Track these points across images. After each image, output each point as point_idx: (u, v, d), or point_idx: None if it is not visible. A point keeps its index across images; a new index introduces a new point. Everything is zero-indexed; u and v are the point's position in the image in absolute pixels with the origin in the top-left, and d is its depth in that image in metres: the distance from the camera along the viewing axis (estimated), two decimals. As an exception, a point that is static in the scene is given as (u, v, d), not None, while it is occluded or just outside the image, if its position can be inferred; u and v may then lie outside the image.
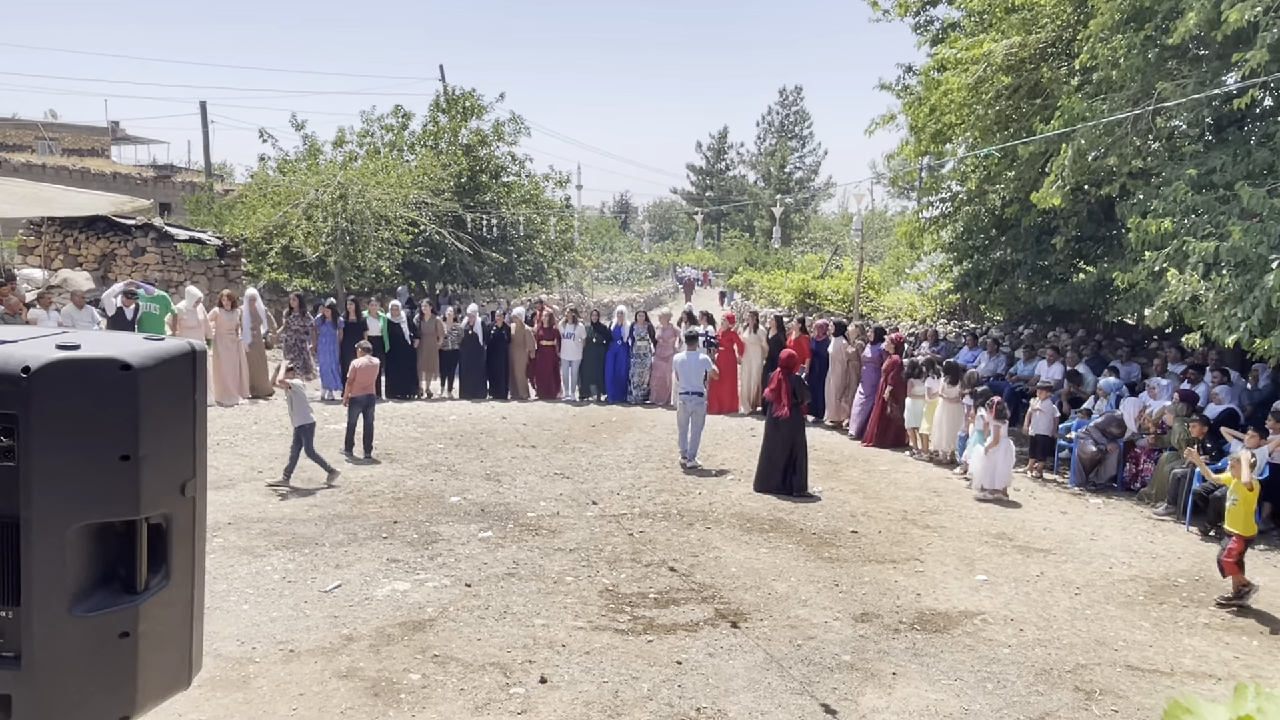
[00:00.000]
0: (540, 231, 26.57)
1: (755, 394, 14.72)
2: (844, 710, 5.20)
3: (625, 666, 5.64)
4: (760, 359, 14.70)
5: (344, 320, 14.57)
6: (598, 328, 15.43)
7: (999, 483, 10.06)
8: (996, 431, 9.96)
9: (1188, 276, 9.30)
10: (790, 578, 7.33)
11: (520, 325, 15.45)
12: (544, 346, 15.50)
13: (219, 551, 7.32)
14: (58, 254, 19.14)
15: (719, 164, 71.09)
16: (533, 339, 15.45)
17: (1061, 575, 7.67)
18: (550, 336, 15.49)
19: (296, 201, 20.22)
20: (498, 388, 15.42)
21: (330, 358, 14.50)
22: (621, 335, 15.37)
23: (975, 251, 16.81)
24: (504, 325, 15.44)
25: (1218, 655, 6.22)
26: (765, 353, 14.58)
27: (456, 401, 15.00)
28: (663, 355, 15.20)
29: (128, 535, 1.20)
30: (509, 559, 7.51)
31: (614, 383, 15.44)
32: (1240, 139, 10.75)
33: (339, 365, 14.18)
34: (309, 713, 4.95)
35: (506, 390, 15.43)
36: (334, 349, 14.42)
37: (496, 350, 15.39)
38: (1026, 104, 13.00)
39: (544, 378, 15.61)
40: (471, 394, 15.21)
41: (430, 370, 15.36)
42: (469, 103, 25.68)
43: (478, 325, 15.26)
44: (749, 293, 35.29)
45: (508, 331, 15.41)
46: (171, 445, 1.23)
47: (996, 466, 10.03)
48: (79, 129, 43.00)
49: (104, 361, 1.15)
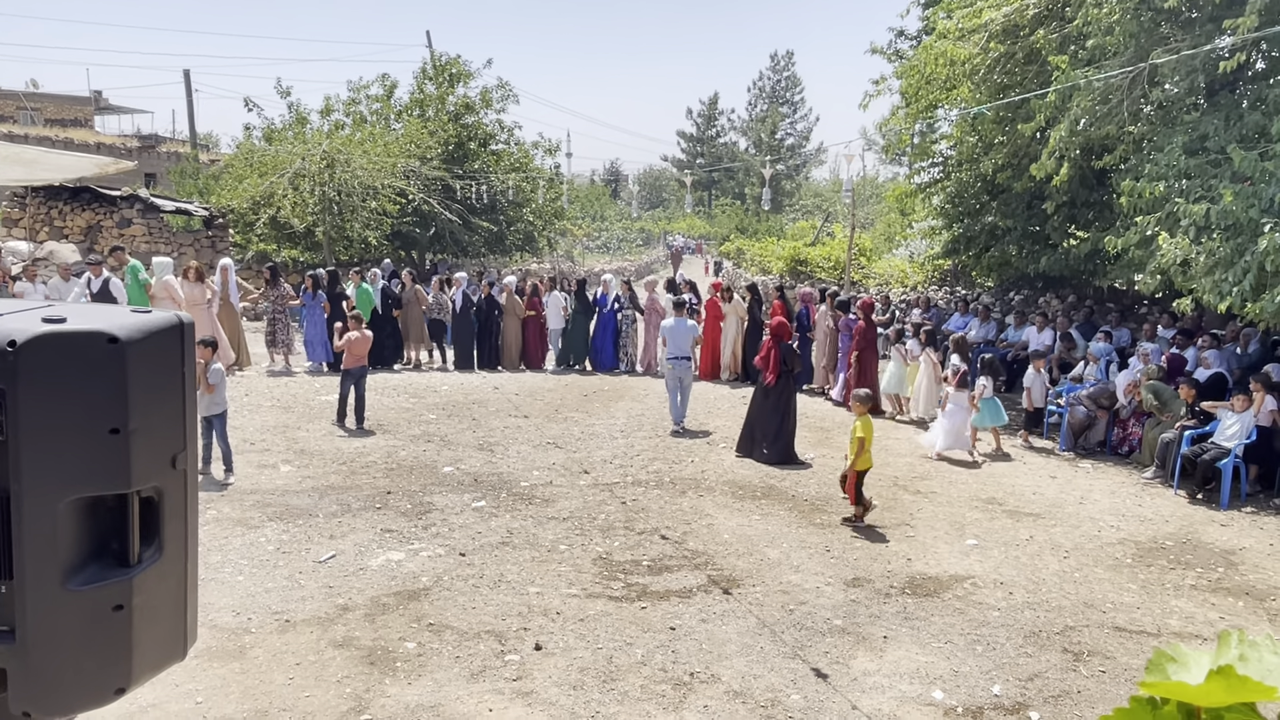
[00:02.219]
0: (530, 200, 26.40)
1: (734, 361, 14.77)
2: (835, 673, 5.26)
3: (619, 633, 5.69)
4: (739, 327, 14.72)
5: (328, 291, 14.40)
6: (579, 297, 15.38)
7: (955, 442, 10.28)
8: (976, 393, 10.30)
9: (1179, 240, 9.31)
10: (782, 544, 7.39)
11: (510, 294, 15.41)
12: (530, 317, 15.47)
13: (212, 523, 7.33)
14: (43, 226, 18.95)
15: (710, 130, 70.63)
16: (522, 308, 15.43)
17: (1050, 539, 7.75)
18: (535, 306, 15.46)
19: (283, 171, 20.02)
20: (486, 357, 15.36)
21: (317, 329, 14.38)
22: (606, 304, 15.32)
23: (966, 216, 16.79)
24: (489, 295, 15.37)
25: (1204, 616, 6.31)
26: (744, 321, 14.62)
27: (447, 372, 14.98)
28: (650, 324, 15.23)
29: (119, 509, 1.19)
30: (502, 528, 7.55)
31: (599, 352, 15.42)
32: (1232, 102, 10.72)
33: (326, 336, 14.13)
34: (305, 681, 4.98)
35: (495, 360, 15.40)
36: (320, 320, 14.31)
37: (484, 320, 15.33)
38: (1021, 71, 12.92)
39: (530, 347, 15.58)
40: (463, 364, 15.17)
41: (419, 340, 15.33)
42: (455, 69, 25.37)
43: (461, 294, 15.20)
44: (740, 261, 35.23)
45: (495, 302, 15.35)
46: (161, 418, 1.23)
47: (952, 425, 10.23)
48: (61, 99, 42.40)
49: (91, 335, 1.14)
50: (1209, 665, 0.55)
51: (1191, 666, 0.56)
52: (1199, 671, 0.56)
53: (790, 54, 69.09)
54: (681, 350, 11.07)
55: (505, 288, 15.56)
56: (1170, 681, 0.56)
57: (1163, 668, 0.57)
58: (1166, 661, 0.57)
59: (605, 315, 15.39)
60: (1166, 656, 0.58)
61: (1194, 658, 0.57)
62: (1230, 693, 0.53)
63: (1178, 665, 0.57)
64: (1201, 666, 0.56)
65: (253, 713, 4.66)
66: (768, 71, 69.41)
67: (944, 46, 13.22)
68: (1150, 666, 0.58)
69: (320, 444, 10.05)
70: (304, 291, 14.50)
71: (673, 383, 11.15)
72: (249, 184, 20.58)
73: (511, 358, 15.46)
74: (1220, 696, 0.54)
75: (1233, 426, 9.09)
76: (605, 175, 73.23)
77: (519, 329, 15.47)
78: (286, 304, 14.49)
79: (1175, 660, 0.57)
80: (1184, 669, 0.57)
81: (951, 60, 13.12)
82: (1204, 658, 0.57)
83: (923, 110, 14.86)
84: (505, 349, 15.45)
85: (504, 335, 15.42)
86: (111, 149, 34.07)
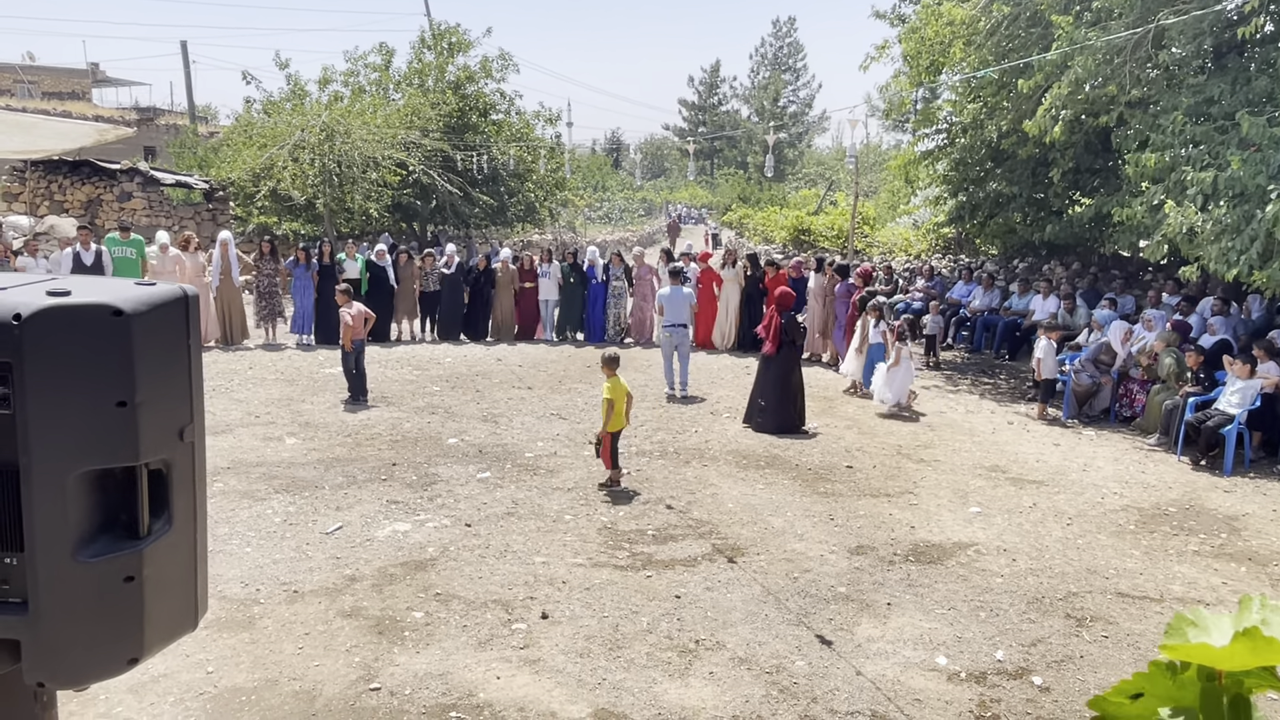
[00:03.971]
0: (531, 171, 26.22)
1: (731, 331, 14.74)
2: (840, 640, 5.30)
3: (625, 601, 5.73)
4: (738, 296, 14.67)
5: (318, 263, 14.26)
6: (574, 267, 15.30)
7: (898, 396, 10.71)
8: (897, 353, 10.66)
9: (1185, 209, 9.25)
10: (786, 513, 7.42)
11: (505, 266, 15.30)
12: (525, 288, 15.39)
13: (219, 496, 7.37)
14: (43, 200, 18.90)
15: (712, 98, 70.01)
16: (517, 279, 15.32)
17: (1054, 506, 7.77)
18: (530, 278, 15.38)
19: (282, 143, 19.90)
20: (474, 329, 15.29)
21: (305, 301, 14.25)
22: (595, 275, 15.24)
23: (970, 184, 16.68)
24: (487, 267, 15.29)
25: (1206, 581, 6.34)
26: (743, 290, 14.59)
27: (437, 344, 14.92)
28: (640, 294, 15.15)
29: (128, 481, 1.20)
30: (508, 499, 7.58)
31: (591, 323, 15.37)
32: (1240, 66, 10.59)
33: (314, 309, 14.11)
34: (315, 651, 5.03)
35: (484, 331, 15.31)
36: (309, 292, 14.18)
37: (477, 292, 15.23)
38: (1025, 33, 12.77)
39: (525, 318, 15.51)
40: (447, 335, 15.10)
41: (409, 313, 15.26)
42: (455, 38, 25.13)
43: (455, 265, 15.10)
44: (742, 230, 35.07)
45: (491, 274, 15.24)
46: (168, 391, 1.23)
47: (895, 382, 10.69)
48: (58, 71, 42.11)
49: (96, 307, 1.14)
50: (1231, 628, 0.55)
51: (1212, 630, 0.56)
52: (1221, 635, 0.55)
53: (793, 20, 68.63)
54: (679, 318, 11.31)
55: (502, 260, 15.48)
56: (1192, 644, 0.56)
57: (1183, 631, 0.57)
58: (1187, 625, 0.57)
59: (595, 286, 15.28)
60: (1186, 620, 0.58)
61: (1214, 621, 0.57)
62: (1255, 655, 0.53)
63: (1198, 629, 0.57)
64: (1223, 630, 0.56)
65: (263, 682, 4.71)
66: (770, 38, 68.71)
67: (946, 8, 13.07)
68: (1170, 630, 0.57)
69: (325, 416, 10.08)
70: (294, 263, 14.33)
71: (668, 349, 11.40)
72: (248, 156, 20.46)
73: (507, 328, 15.36)
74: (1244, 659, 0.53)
75: (1236, 393, 9.08)
76: (606, 145, 72.74)
77: (512, 300, 15.37)
78: (281, 278, 14.42)
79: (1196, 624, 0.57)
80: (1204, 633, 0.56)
81: (950, 20, 12.98)
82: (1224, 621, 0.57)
83: (924, 72, 14.71)
84: (500, 320, 15.35)
85: (498, 307, 15.33)
86: (110, 122, 33.86)
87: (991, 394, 12.31)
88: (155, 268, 13.25)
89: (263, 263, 14.42)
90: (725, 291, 14.72)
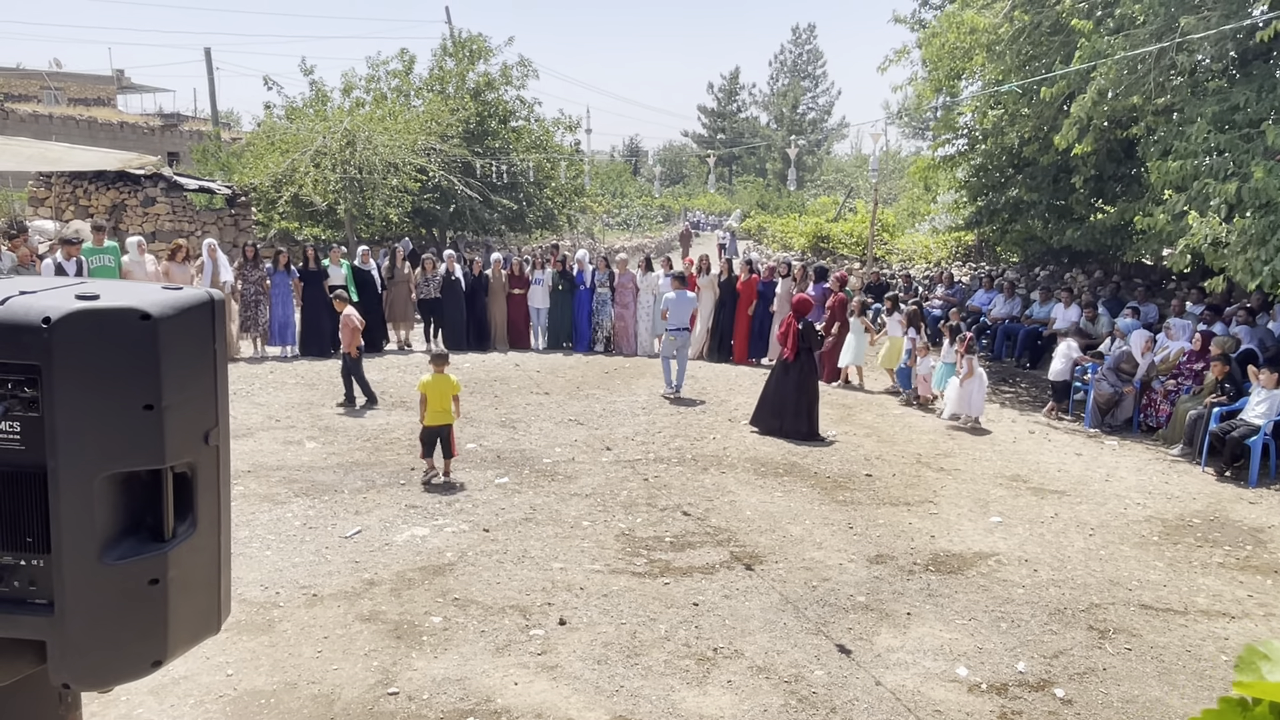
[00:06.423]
0: (551, 177, 26.30)
1: (705, 338, 14.60)
2: (859, 650, 5.27)
3: (643, 608, 5.72)
4: (711, 302, 14.58)
5: (300, 269, 13.64)
6: (564, 275, 15.04)
7: (974, 411, 10.61)
8: (969, 364, 10.50)
9: (1209, 219, 9.15)
10: (805, 521, 7.38)
11: (496, 271, 15.03)
12: (515, 295, 15.10)
13: (240, 499, 7.42)
14: (68, 205, 19.12)
15: (730, 105, 70.10)
16: (506, 285, 15.02)
17: (1076, 516, 7.70)
18: (521, 285, 15.12)
19: (304, 149, 20.06)
20: (479, 337, 14.97)
21: (285, 309, 13.51)
22: (584, 282, 15.06)
23: (990, 189, 16.57)
24: (481, 273, 14.99)
25: (1232, 594, 6.25)
26: (716, 295, 14.58)
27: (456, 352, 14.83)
28: (621, 302, 14.85)
29: (154, 484, 1.20)
30: (526, 504, 7.59)
31: (578, 332, 15.17)
32: (1266, 72, 10.48)
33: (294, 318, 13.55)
34: (333, 655, 5.05)
35: (487, 340, 15.04)
36: (289, 300, 13.51)
37: (475, 299, 14.94)
38: (1047, 41, 12.69)
39: (516, 327, 15.23)
40: (453, 344, 14.48)
41: (405, 320, 14.89)
42: (476, 46, 25.28)
43: (457, 272, 14.74)
44: (761, 237, 34.98)
45: (485, 280, 14.95)
46: (194, 394, 1.23)
47: (971, 396, 10.57)
48: (84, 78, 42.66)
49: (124, 311, 1.15)
50: None
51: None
52: None
53: (812, 27, 68.82)
54: (682, 322, 11.68)
55: (494, 263, 15.23)
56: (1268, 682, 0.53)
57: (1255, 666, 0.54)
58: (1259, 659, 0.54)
59: (581, 294, 15.02)
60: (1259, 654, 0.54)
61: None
62: None
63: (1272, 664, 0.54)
64: None
65: (282, 685, 4.73)
66: (789, 45, 68.82)
67: (967, 15, 13.00)
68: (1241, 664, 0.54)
69: (344, 421, 10.13)
70: (274, 269, 13.57)
71: (669, 351, 11.73)
72: (270, 162, 20.63)
73: (499, 336, 15.14)
74: None
75: (1262, 404, 8.97)
76: (625, 151, 72.88)
77: (504, 307, 15.12)
78: (264, 286, 13.48)
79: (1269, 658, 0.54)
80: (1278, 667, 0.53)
81: (972, 29, 12.92)
82: None
83: (944, 79, 14.65)
84: (492, 328, 15.10)
85: (490, 314, 15.06)
86: (134, 128, 34.28)
87: (1012, 403, 12.22)
88: (129, 270, 12.75)
89: (246, 269, 13.49)
90: (700, 299, 14.53)
